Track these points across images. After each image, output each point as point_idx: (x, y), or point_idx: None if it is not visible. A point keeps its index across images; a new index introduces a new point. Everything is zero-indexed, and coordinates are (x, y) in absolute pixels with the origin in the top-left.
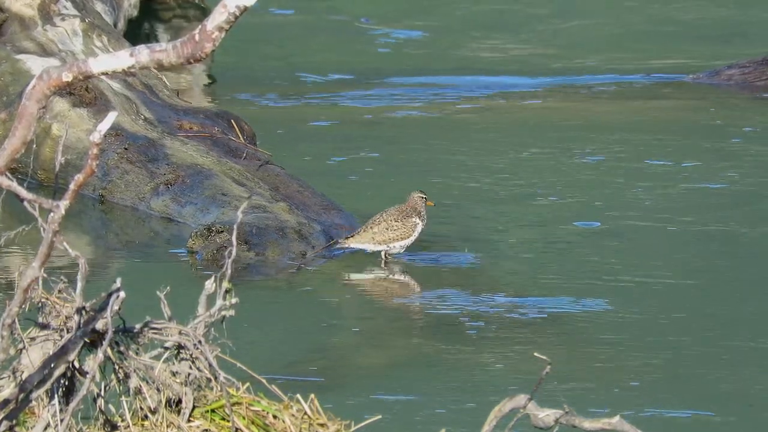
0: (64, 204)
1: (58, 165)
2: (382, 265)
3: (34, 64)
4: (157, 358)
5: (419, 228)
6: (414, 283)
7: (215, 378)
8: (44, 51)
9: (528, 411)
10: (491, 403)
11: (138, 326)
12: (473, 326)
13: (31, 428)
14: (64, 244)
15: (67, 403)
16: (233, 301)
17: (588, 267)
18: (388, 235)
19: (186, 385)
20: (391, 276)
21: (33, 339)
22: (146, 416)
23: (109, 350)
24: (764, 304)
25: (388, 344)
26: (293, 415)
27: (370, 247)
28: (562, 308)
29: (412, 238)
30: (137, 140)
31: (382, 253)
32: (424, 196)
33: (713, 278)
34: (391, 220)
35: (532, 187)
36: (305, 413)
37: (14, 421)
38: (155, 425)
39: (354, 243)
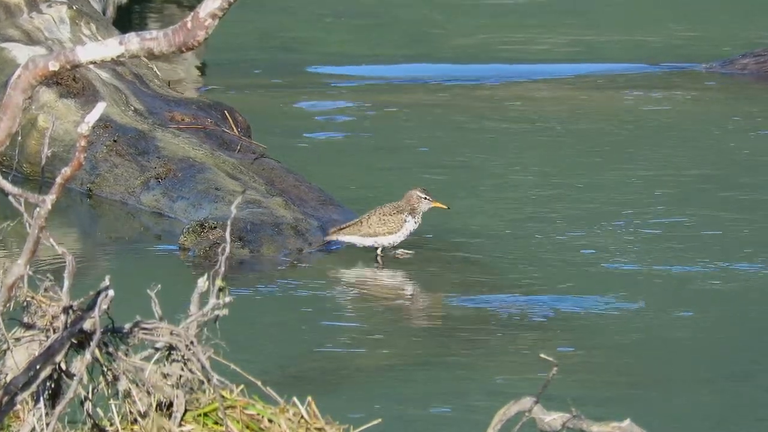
0: (50, 198)
1: (44, 158)
2: (378, 263)
3: (20, 52)
4: (147, 359)
5: (409, 225)
6: (414, 283)
7: (208, 380)
8: (30, 39)
9: (534, 414)
10: (495, 405)
11: (127, 326)
12: (475, 326)
13: None
14: (51, 240)
15: (54, 407)
16: (227, 300)
17: (596, 266)
18: (375, 229)
19: (177, 388)
20: (390, 275)
21: (18, 339)
22: (136, 420)
23: (97, 351)
24: None
25: (387, 345)
26: (289, 419)
27: (359, 241)
28: (568, 308)
29: (401, 235)
30: (127, 132)
31: (378, 251)
32: (424, 196)
33: (731, 276)
34: (382, 215)
35: (539, 184)
36: (302, 417)
37: None
38: (145, 429)
39: (343, 236)
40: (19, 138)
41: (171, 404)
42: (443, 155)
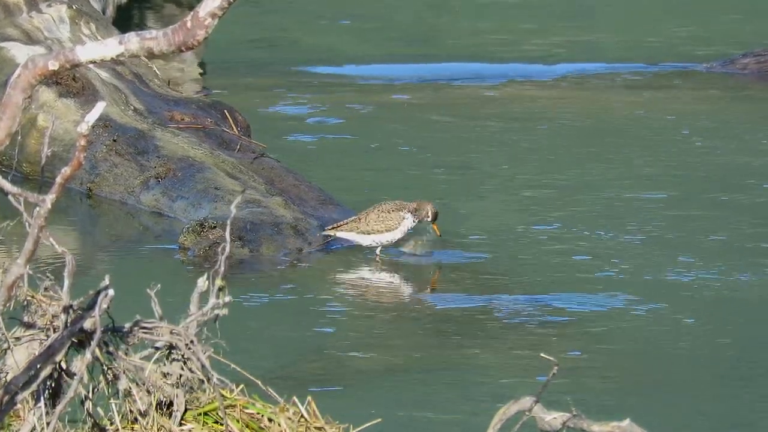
0: (50, 198)
1: (44, 157)
2: (377, 261)
3: (19, 52)
4: (147, 358)
5: (407, 223)
6: (414, 282)
7: (208, 379)
8: (30, 38)
9: (534, 414)
10: (496, 406)
11: (127, 326)
12: (476, 326)
13: (16, 431)
14: (51, 239)
15: (54, 406)
16: (226, 299)
17: (596, 268)
18: (373, 226)
19: (178, 387)
20: (390, 275)
21: (18, 339)
22: (136, 419)
23: (97, 350)
24: None
25: (388, 344)
26: (289, 419)
27: (356, 239)
28: (569, 308)
29: (399, 232)
30: (126, 132)
31: (378, 250)
32: (431, 219)
33: (733, 279)
34: (380, 212)
35: (539, 184)
36: (302, 416)
37: None
38: (145, 429)
39: (340, 232)
40: (19, 137)
41: (171, 403)
42: (442, 155)
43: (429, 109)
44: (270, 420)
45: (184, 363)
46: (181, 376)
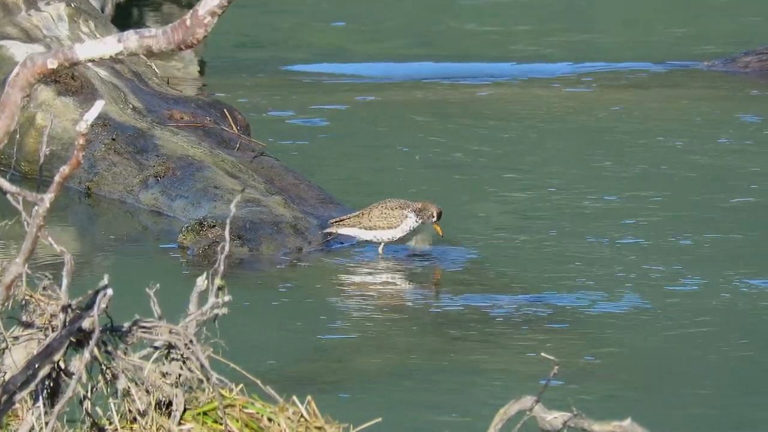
0: (49, 197)
1: (42, 156)
2: (378, 260)
3: (18, 50)
4: (146, 358)
5: (410, 222)
6: (414, 282)
7: (207, 379)
8: (28, 37)
9: (535, 413)
10: (496, 405)
11: (126, 325)
12: (476, 326)
13: (15, 431)
14: (49, 239)
15: (53, 406)
16: (226, 298)
17: (597, 267)
18: (376, 222)
19: (177, 387)
20: (390, 274)
21: (16, 338)
22: (135, 419)
23: (96, 350)
24: None
25: (387, 344)
26: (289, 418)
27: (358, 234)
28: (569, 308)
29: (400, 230)
30: (125, 130)
31: (379, 249)
32: (435, 219)
33: (737, 281)
34: (384, 209)
35: (539, 184)
36: (302, 416)
37: None
38: (144, 428)
39: (343, 228)
40: (18, 136)
41: (170, 403)
42: (441, 155)
43: (427, 109)
44: (269, 420)
45: (183, 362)
46: (180, 375)
